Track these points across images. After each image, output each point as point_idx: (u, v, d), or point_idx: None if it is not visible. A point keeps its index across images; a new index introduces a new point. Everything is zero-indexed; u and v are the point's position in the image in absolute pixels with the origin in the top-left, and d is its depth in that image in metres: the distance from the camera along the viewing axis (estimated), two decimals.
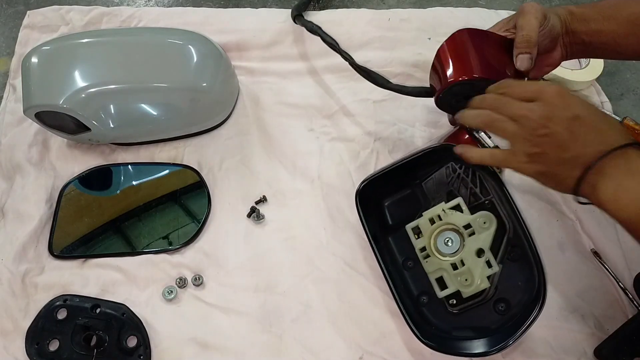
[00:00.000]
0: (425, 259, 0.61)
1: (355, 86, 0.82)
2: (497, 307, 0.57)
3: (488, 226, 0.57)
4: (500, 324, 0.57)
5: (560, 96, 0.49)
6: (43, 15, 0.88)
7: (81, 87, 0.65)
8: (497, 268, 0.57)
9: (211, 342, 0.61)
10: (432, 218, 0.61)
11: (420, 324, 0.59)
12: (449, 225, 0.60)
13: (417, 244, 0.61)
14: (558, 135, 0.48)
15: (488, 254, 0.57)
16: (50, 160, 0.74)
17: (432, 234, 0.61)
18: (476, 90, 0.56)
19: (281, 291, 0.65)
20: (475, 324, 0.58)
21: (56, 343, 0.60)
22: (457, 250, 0.59)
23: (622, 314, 0.64)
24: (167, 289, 0.64)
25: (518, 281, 0.57)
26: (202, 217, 0.69)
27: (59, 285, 0.64)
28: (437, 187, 0.64)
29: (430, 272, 0.60)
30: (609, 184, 0.47)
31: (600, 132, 0.48)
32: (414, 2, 0.96)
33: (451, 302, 0.59)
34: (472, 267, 0.57)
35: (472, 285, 0.57)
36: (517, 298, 0.56)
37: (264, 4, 0.94)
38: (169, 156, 0.75)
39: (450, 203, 0.60)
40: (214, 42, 0.75)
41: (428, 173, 0.64)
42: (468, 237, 0.59)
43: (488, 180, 0.58)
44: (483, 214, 0.58)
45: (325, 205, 0.71)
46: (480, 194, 0.60)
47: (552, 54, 0.62)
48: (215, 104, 0.75)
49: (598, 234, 0.69)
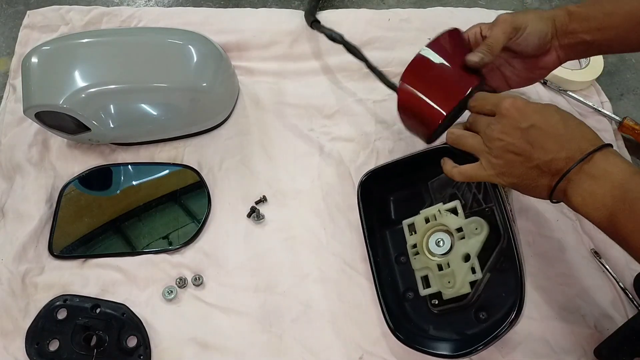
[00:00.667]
0: (414, 255, 0.61)
1: (355, 86, 0.82)
2: (478, 314, 0.57)
3: (479, 232, 0.57)
4: (478, 330, 0.56)
5: (515, 107, 0.51)
6: (43, 15, 0.88)
7: (81, 87, 0.65)
8: (480, 275, 0.56)
9: (211, 342, 0.61)
10: (428, 217, 0.61)
11: (398, 317, 0.60)
12: (443, 226, 0.60)
13: (410, 240, 0.62)
14: (516, 147, 0.50)
15: (474, 260, 0.57)
16: (50, 160, 0.74)
17: (425, 233, 0.61)
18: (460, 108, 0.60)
19: (281, 291, 0.65)
20: (454, 327, 0.58)
21: (56, 343, 0.60)
22: (446, 252, 0.59)
23: (622, 314, 0.64)
24: (167, 289, 0.64)
25: (502, 292, 0.56)
26: (202, 217, 0.69)
27: (59, 285, 0.64)
28: (442, 188, 0.64)
29: (416, 269, 0.61)
30: (576, 190, 0.49)
31: (562, 139, 0.49)
32: (414, 2, 0.96)
33: (433, 302, 0.59)
34: (457, 270, 0.57)
35: (453, 288, 0.57)
36: (499, 309, 0.56)
37: (264, 4, 0.94)
38: (169, 156, 0.75)
39: (447, 205, 0.61)
40: (214, 42, 0.75)
41: (436, 173, 0.64)
42: (458, 241, 0.58)
43: (490, 187, 0.58)
44: (475, 219, 0.58)
45: (325, 205, 0.71)
46: (482, 201, 0.60)
47: (544, 57, 0.62)
48: (215, 104, 0.75)
49: (598, 234, 0.69)
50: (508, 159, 0.51)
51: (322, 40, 0.85)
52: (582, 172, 0.48)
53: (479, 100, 0.55)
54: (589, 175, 0.48)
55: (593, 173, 0.48)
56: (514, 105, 0.51)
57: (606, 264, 0.67)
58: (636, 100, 0.85)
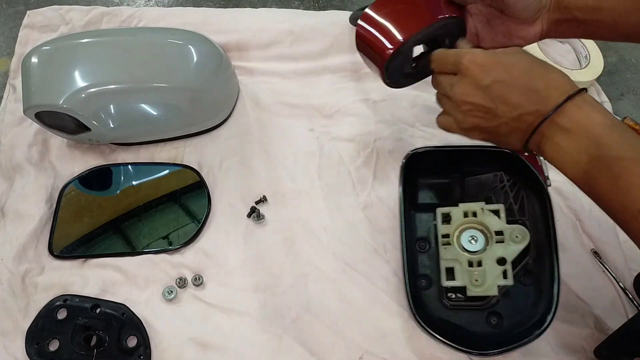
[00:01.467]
0: (444, 245, 0.60)
1: (355, 86, 0.82)
2: (489, 318, 0.58)
3: (519, 241, 0.58)
4: (487, 333, 0.58)
5: (475, 64, 0.48)
6: (43, 15, 0.88)
7: (81, 87, 0.65)
8: (512, 282, 0.57)
9: (211, 342, 0.61)
10: (467, 212, 0.61)
11: (414, 302, 0.60)
12: (480, 225, 0.60)
13: (442, 229, 0.61)
14: (481, 106, 0.48)
15: (508, 266, 0.57)
16: (50, 160, 0.74)
17: (459, 226, 0.61)
18: (428, 43, 0.54)
19: (281, 291, 0.65)
20: (462, 324, 0.59)
21: (56, 343, 0.60)
22: (478, 250, 0.59)
23: (622, 314, 0.64)
24: (167, 289, 0.64)
25: (520, 304, 0.57)
26: (202, 217, 0.69)
27: (59, 285, 0.64)
28: (478, 188, 0.65)
29: (444, 260, 0.60)
30: (549, 145, 0.46)
31: (529, 91, 0.46)
32: None
33: (449, 295, 0.59)
34: (489, 271, 0.57)
35: (481, 287, 0.57)
36: (513, 318, 0.57)
37: (264, 4, 0.94)
38: (169, 156, 0.75)
39: (491, 206, 0.60)
40: (214, 42, 0.75)
41: (475, 172, 0.64)
42: (495, 243, 0.58)
43: (535, 205, 0.59)
44: (520, 227, 0.58)
45: (325, 205, 0.71)
46: (516, 212, 0.61)
47: (528, 26, 0.55)
48: (215, 104, 0.75)
49: (598, 234, 0.69)
50: (474, 120, 0.49)
51: (322, 40, 0.85)
52: (554, 125, 0.45)
53: (438, 59, 0.52)
54: (561, 128, 0.45)
55: (566, 126, 0.45)
56: (474, 61, 0.48)
57: (606, 264, 0.67)
58: (636, 100, 0.85)
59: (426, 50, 0.56)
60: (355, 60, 0.73)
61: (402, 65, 0.56)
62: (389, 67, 0.55)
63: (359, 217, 0.70)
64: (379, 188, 0.73)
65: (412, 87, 0.83)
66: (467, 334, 0.58)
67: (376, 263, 0.67)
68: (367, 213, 0.71)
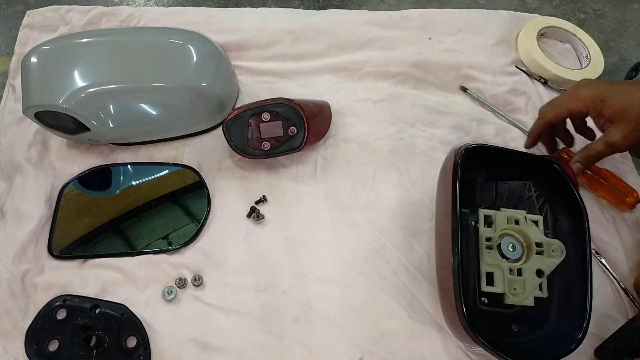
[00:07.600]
0: (487, 249, 0.59)
1: (355, 86, 0.82)
2: (512, 325, 0.58)
3: (556, 255, 0.57)
4: (509, 340, 0.58)
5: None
6: (42, 15, 0.88)
7: (81, 87, 0.65)
8: (546, 295, 0.57)
9: (211, 342, 0.61)
10: (510, 218, 0.60)
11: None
12: (519, 233, 0.59)
13: (485, 232, 0.60)
14: None
15: (544, 279, 0.57)
16: (49, 160, 0.74)
17: (500, 231, 0.60)
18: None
19: (281, 291, 0.65)
20: (489, 327, 0.58)
21: (56, 343, 0.60)
22: (516, 259, 0.58)
23: (622, 314, 0.64)
24: (167, 289, 0.64)
25: (541, 317, 0.58)
26: (202, 217, 0.69)
27: (58, 286, 0.64)
28: (507, 194, 0.64)
29: (486, 264, 0.58)
30: None
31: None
32: (414, 2, 0.96)
33: (482, 300, 0.59)
34: (528, 281, 0.57)
35: (519, 296, 0.57)
36: (531, 329, 0.58)
37: (264, 4, 0.94)
38: (168, 156, 0.75)
39: (531, 216, 0.60)
40: (214, 42, 0.75)
41: (509, 176, 0.64)
42: (534, 255, 0.58)
43: (561, 219, 0.60)
44: (558, 242, 0.58)
45: (325, 205, 0.71)
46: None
47: None
48: (215, 104, 0.74)
49: (598, 234, 0.69)
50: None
51: (322, 40, 0.85)
52: None
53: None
54: None
55: None
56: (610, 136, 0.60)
57: (606, 264, 0.67)
58: None
59: None
60: (355, 60, 0.73)
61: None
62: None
63: (359, 217, 0.70)
64: (379, 188, 0.73)
65: (412, 87, 0.83)
66: (492, 336, 0.57)
67: (376, 263, 0.67)
68: (367, 213, 0.71)
